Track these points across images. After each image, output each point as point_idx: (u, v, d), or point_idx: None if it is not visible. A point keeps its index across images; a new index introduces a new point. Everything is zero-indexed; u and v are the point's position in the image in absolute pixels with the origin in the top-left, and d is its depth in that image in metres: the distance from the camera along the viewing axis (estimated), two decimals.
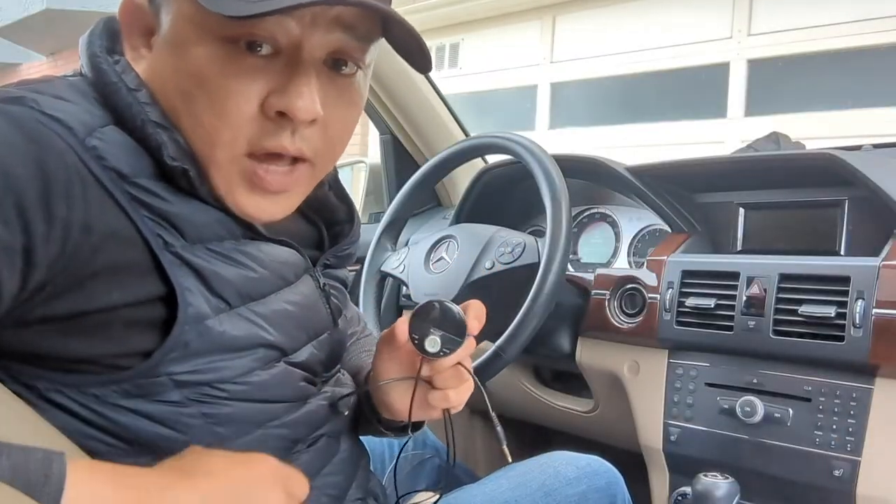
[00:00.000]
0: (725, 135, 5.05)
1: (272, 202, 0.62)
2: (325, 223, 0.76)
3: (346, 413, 0.72)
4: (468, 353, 0.67)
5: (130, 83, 0.58)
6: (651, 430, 1.15)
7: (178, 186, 0.58)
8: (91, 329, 0.54)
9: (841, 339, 0.95)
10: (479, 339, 0.71)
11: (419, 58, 0.63)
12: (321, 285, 0.71)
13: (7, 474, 0.42)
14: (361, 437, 0.79)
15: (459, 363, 0.67)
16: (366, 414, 0.77)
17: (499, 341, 1.02)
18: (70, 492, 0.44)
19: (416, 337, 0.63)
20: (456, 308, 0.64)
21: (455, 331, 0.64)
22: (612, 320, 1.19)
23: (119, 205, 0.54)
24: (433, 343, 0.62)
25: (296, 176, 0.62)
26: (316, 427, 0.67)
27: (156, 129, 0.57)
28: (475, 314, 0.68)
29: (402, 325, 0.67)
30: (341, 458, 0.70)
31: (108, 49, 0.62)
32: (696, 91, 5.33)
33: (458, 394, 0.69)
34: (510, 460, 0.71)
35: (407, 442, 0.90)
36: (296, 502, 0.56)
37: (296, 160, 0.61)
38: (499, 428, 0.70)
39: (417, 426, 0.78)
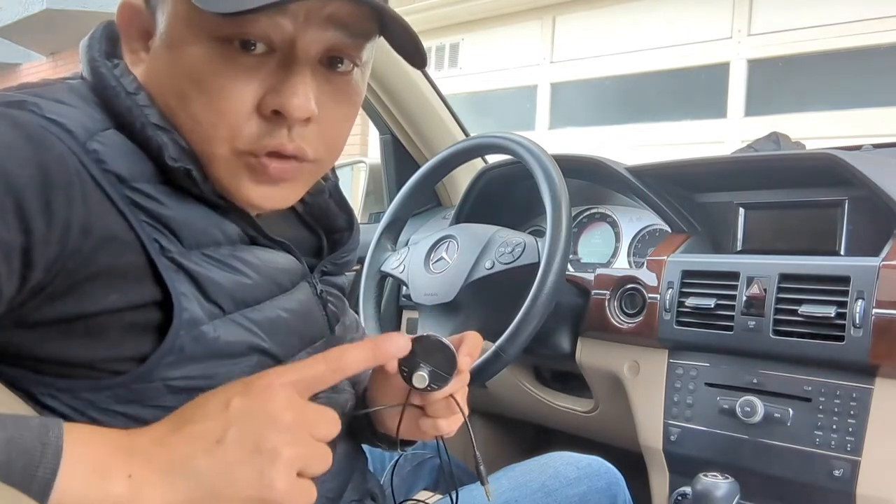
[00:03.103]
0: (725, 135, 5.06)
1: (276, 190, 0.62)
2: (324, 231, 0.77)
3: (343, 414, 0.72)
4: (460, 387, 0.66)
5: (129, 86, 0.59)
6: (651, 430, 1.15)
7: (179, 190, 0.58)
8: (87, 333, 0.54)
9: (841, 339, 0.95)
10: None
11: (414, 53, 0.63)
12: (318, 292, 0.71)
13: (2, 446, 0.42)
14: None
15: (452, 395, 0.66)
16: (361, 425, 0.77)
17: (499, 341, 1.02)
18: (68, 460, 0.44)
19: (405, 370, 0.62)
20: (448, 343, 0.63)
21: (445, 367, 0.63)
22: (612, 320, 1.19)
23: (118, 208, 0.54)
24: (421, 379, 0.62)
25: (296, 167, 0.62)
26: None
27: (156, 131, 0.57)
28: (468, 350, 0.67)
29: None
30: (337, 459, 0.70)
31: (107, 53, 0.62)
32: (696, 91, 5.34)
33: (448, 423, 0.68)
34: (490, 499, 0.70)
35: None
36: (320, 444, 0.51)
37: (297, 160, 0.61)
38: (482, 467, 0.69)
39: (409, 442, 0.78)
